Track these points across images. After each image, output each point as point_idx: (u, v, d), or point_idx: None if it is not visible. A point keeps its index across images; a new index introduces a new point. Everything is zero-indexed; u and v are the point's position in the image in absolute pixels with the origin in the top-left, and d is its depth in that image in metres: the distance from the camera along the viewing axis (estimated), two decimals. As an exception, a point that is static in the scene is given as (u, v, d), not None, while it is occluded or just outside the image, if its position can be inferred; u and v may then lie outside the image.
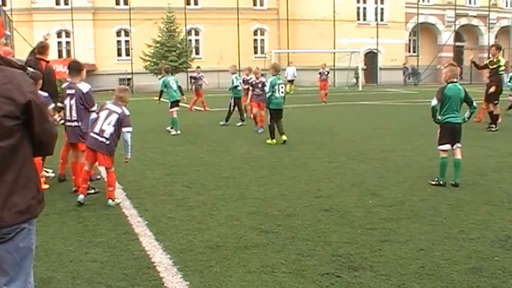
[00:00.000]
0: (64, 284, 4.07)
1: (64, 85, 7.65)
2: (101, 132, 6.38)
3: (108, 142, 6.38)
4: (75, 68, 7.25)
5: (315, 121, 15.91)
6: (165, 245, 4.88)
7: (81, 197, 6.36)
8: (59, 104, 7.69)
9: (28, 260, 2.65)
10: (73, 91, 7.03)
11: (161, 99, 14.35)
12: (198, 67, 22.12)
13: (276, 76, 11.39)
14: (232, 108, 15.21)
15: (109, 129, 6.38)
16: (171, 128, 13.42)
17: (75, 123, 7.04)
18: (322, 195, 6.77)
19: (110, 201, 6.37)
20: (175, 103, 13.69)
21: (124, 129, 6.43)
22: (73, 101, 7.02)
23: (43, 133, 2.60)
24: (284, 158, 9.51)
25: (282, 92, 11.38)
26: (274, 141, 11.12)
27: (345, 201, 6.42)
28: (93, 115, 6.68)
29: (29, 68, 7.52)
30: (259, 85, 13.60)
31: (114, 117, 6.41)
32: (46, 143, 2.67)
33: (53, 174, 8.05)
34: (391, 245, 4.82)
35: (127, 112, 6.52)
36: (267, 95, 11.42)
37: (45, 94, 7.12)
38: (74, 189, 7.03)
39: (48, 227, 5.49)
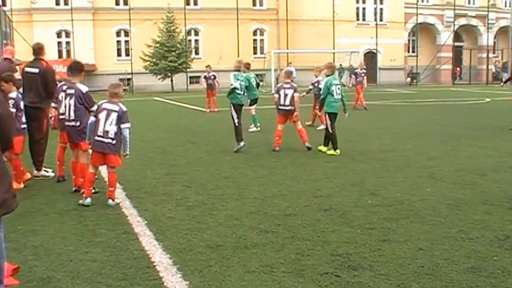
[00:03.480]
0: (64, 283, 4.07)
1: (59, 85, 7.64)
2: (105, 134, 6.37)
3: (114, 142, 6.38)
4: (76, 68, 7.26)
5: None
6: (165, 245, 4.89)
7: (88, 200, 6.35)
8: (53, 104, 7.71)
9: None
10: (72, 91, 7.02)
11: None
12: (208, 66, 20.69)
13: (332, 76, 10.38)
14: None
15: (112, 129, 6.37)
16: (253, 127, 13.43)
17: (73, 123, 7.03)
18: (322, 195, 6.78)
19: (110, 201, 6.37)
20: (254, 101, 13.69)
21: (122, 126, 6.42)
22: (72, 101, 6.99)
23: (8, 129, 2.64)
24: (283, 158, 9.51)
25: (339, 94, 10.21)
26: (338, 151, 9.88)
27: (344, 201, 6.43)
28: (92, 118, 6.61)
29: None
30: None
31: (114, 116, 6.40)
32: (9, 138, 2.72)
33: (52, 174, 8.05)
34: (390, 245, 4.83)
35: (124, 108, 6.51)
36: (321, 98, 10.53)
37: (15, 95, 7.40)
38: (74, 189, 7.04)
39: (48, 226, 5.50)
